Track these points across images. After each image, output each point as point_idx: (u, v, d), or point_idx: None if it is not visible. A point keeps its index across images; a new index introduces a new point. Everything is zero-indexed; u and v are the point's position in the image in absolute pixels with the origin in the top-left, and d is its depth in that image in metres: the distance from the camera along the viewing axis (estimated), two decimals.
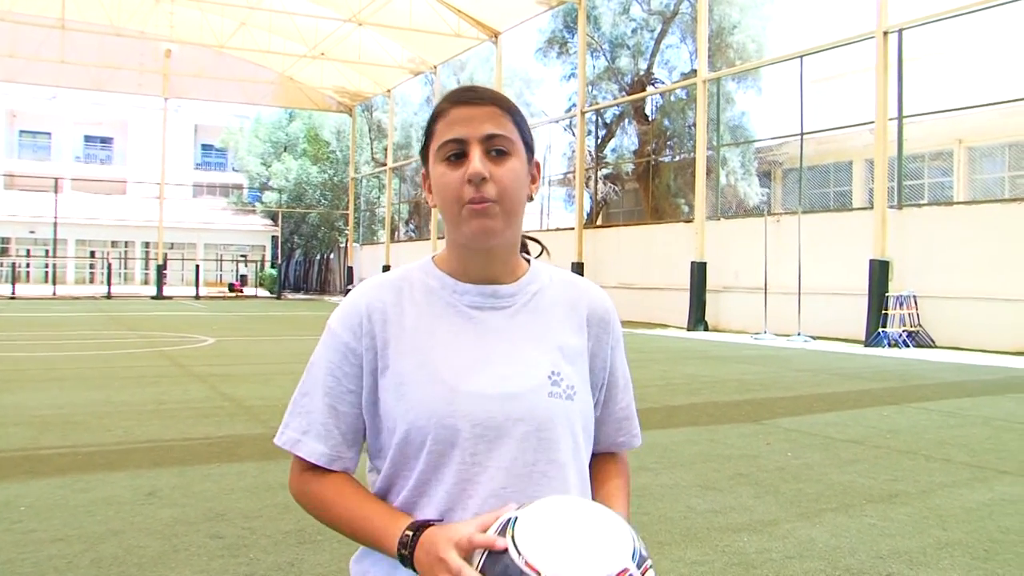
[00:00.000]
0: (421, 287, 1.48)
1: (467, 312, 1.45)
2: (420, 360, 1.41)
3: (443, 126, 1.41)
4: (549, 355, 1.44)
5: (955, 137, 25.80)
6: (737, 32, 31.55)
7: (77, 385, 10.31)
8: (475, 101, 1.40)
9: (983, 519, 4.82)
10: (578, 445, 1.46)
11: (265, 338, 18.94)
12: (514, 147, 1.41)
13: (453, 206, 1.39)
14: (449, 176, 1.39)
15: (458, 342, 1.43)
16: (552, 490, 1.40)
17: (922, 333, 17.13)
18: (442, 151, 1.40)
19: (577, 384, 1.46)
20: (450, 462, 1.39)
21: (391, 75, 39.90)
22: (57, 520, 4.64)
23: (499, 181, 1.38)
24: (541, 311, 1.48)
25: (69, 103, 60.79)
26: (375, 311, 1.46)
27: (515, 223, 1.44)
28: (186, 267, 51.49)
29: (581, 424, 1.46)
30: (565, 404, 1.42)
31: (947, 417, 8.57)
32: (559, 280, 1.55)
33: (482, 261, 1.45)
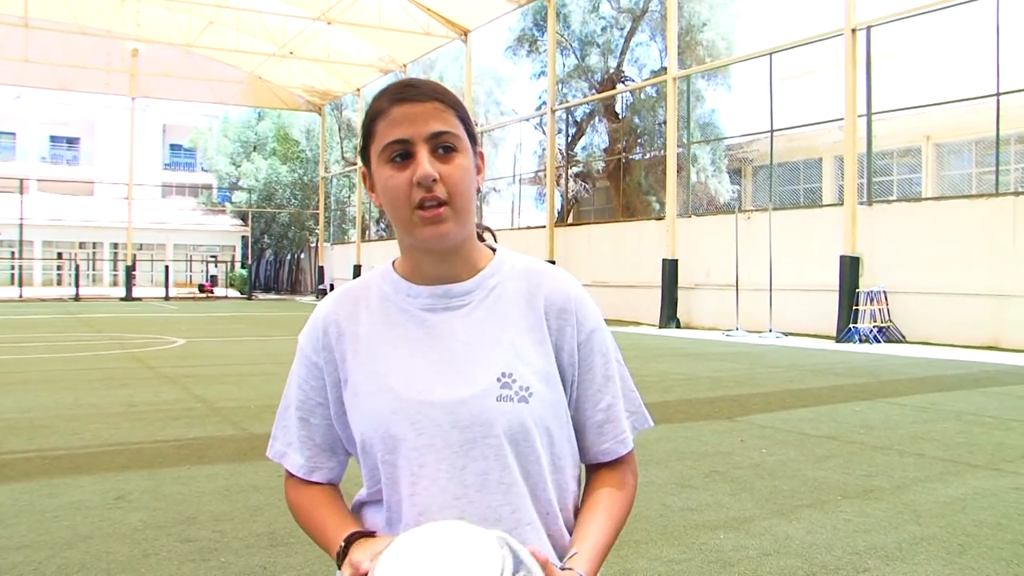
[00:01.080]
0: (377, 294, 1.44)
1: (420, 316, 1.40)
2: (372, 369, 1.39)
3: (385, 126, 1.34)
4: (502, 355, 1.36)
5: (923, 134, 26.06)
6: (707, 29, 31.68)
7: (44, 388, 10.14)
8: (417, 98, 1.34)
9: (957, 513, 4.84)
10: (535, 450, 1.36)
11: (236, 339, 18.77)
12: (460, 142, 1.35)
13: (403, 210, 1.34)
14: (396, 179, 1.33)
15: (408, 348, 1.38)
16: (512, 496, 1.34)
17: (892, 328, 17.26)
18: (386, 152, 1.34)
19: (535, 384, 1.35)
20: (401, 473, 1.35)
21: (361, 74, 39.69)
22: (22, 526, 4.55)
23: (448, 180, 1.32)
24: (498, 307, 1.40)
25: (34, 103, 59.97)
26: (331, 325, 1.44)
27: (468, 220, 1.38)
28: (155, 268, 51.01)
29: (546, 427, 1.37)
30: (518, 407, 1.33)
31: (919, 412, 8.62)
32: (521, 269, 1.45)
33: (435, 260, 1.39)
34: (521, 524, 1.34)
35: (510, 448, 1.34)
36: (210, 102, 45.10)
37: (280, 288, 55.27)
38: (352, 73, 39.57)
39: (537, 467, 1.37)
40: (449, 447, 1.33)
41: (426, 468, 1.33)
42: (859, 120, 18.39)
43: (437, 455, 1.33)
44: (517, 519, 1.34)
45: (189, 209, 58.37)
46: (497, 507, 1.34)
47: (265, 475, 5.75)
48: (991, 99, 16.68)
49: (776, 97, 21.26)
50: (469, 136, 1.38)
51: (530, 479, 1.36)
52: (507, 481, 1.34)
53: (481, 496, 1.33)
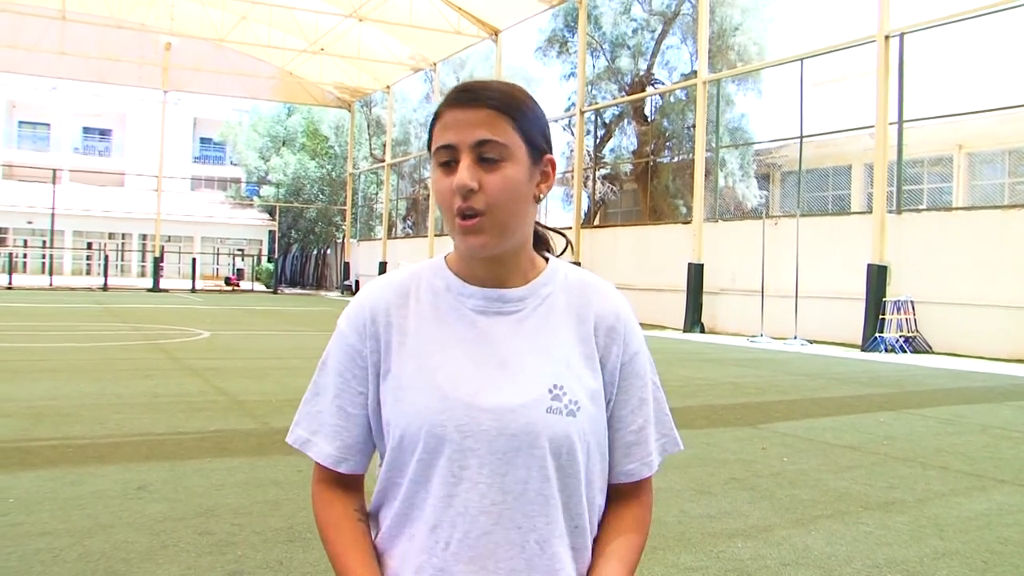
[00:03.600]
0: (428, 288, 1.42)
1: (471, 317, 1.38)
2: (419, 364, 1.37)
3: (439, 129, 1.34)
4: (553, 367, 1.35)
5: (955, 142, 25.78)
6: (738, 34, 31.50)
7: (71, 377, 10.24)
8: (470, 104, 1.32)
9: (981, 529, 4.77)
10: (575, 463, 1.35)
11: (261, 332, 18.88)
12: (508, 152, 1.32)
13: (447, 214, 1.34)
14: (442, 183, 1.33)
15: (459, 348, 1.37)
16: (549, 509, 1.34)
17: (919, 339, 17.10)
18: (436, 156, 1.34)
19: (583, 400, 1.35)
20: (436, 472, 1.34)
21: (391, 71, 39.82)
22: (45, 513, 4.59)
23: (488, 191, 1.30)
24: (551, 318, 1.39)
25: (69, 94, 60.66)
26: (379, 313, 1.41)
27: (510, 233, 1.35)
28: (183, 260, 51.39)
29: (587, 443, 1.37)
30: (566, 420, 1.33)
31: (944, 424, 8.53)
32: (575, 282, 1.44)
33: (486, 264, 1.38)
34: (553, 536, 1.34)
35: (552, 460, 1.33)
36: (241, 97, 45.40)
37: (306, 283, 55.52)
38: (382, 71, 39.71)
39: (575, 481, 1.36)
40: (493, 453, 1.32)
41: (468, 471, 1.32)
42: (890, 128, 18.23)
43: (480, 459, 1.32)
44: (550, 531, 1.34)
45: (217, 202, 58.75)
46: (533, 516, 1.33)
47: (285, 470, 5.77)
48: None
49: (807, 103, 21.12)
50: (532, 144, 1.36)
51: (566, 492, 1.35)
52: (546, 492, 1.33)
53: (519, 504, 1.32)
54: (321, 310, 29.69)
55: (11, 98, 61.85)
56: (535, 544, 1.33)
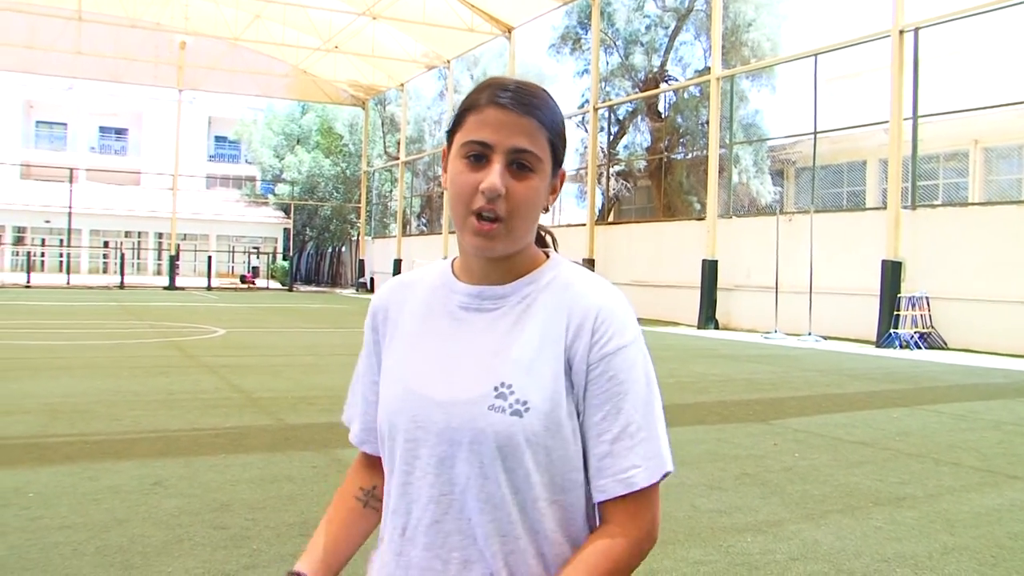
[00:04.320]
0: (427, 285, 1.46)
1: (455, 312, 1.40)
2: (397, 358, 1.43)
3: (474, 122, 1.32)
4: (508, 365, 1.32)
5: (971, 137, 25.64)
6: (752, 30, 31.41)
7: (88, 374, 10.34)
8: (515, 108, 1.31)
9: (992, 524, 4.78)
10: (523, 466, 1.30)
11: (275, 330, 18.98)
12: (539, 164, 1.33)
13: (461, 208, 1.32)
14: (465, 176, 1.32)
15: (433, 343, 1.39)
16: (489, 505, 1.31)
17: (934, 335, 17.04)
18: (466, 147, 1.32)
19: (535, 400, 1.30)
20: (397, 461, 1.38)
21: (405, 69, 39.90)
22: (64, 508, 4.66)
23: (513, 198, 1.31)
24: (524, 317, 1.36)
25: (85, 94, 61.03)
26: (381, 310, 1.50)
27: (521, 239, 1.36)
28: (198, 258, 51.61)
29: (540, 445, 1.30)
30: (509, 420, 1.29)
31: (958, 420, 8.52)
32: (562, 281, 1.39)
33: (483, 261, 1.39)
34: (508, 534, 1.31)
35: (498, 459, 1.30)
36: (255, 95, 45.57)
37: (321, 280, 55.70)
38: (396, 68, 39.79)
39: (526, 484, 1.31)
40: (440, 444, 1.33)
41: (419, 460, 1.35)
42: (905, 123, 18.16)
43: (430, 450, 1.34)
44: (503, 528, 1.31)
45: (232, 200, 58.99)
46: (482, 512, 1.32)
47: (299, 465, 5.83)
48: None
49: (820, 98, 21.06)
50: (555, 159, 1.37)
51: (519, 495, 1.31)
52: (488, 490, 1.31)
53: (467, 497, 1.32)
54: (336, 308, 29.79)
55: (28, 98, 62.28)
56: (484, 538, 1.31)
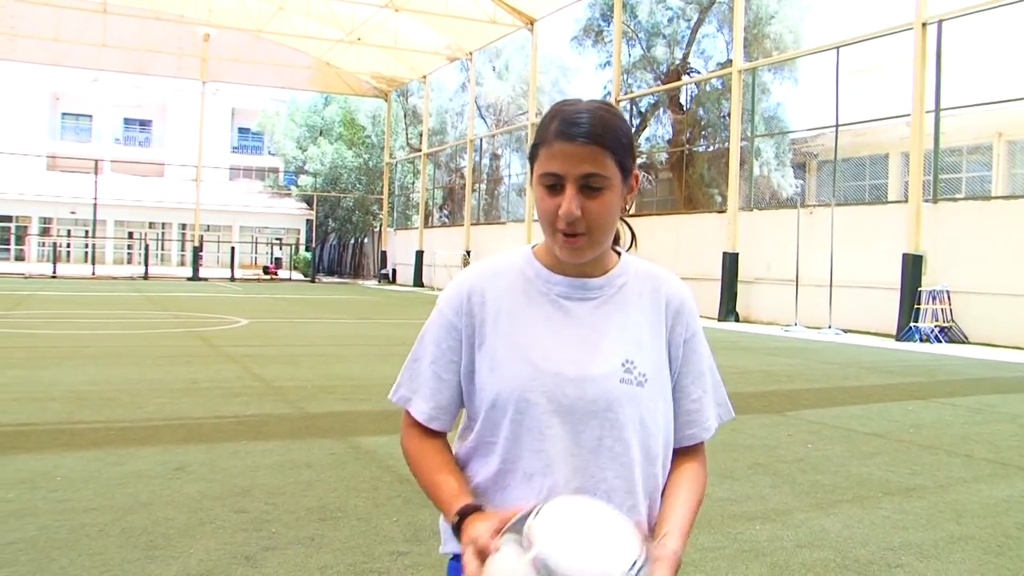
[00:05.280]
0: (519, 275, 1.63)
1: (557, 301, 1.60)
2: (512, 340, 1.58)
3: (545, 155, 1.52)
4: (626, 344, 1.57)
5: (995, 130, 25.46)
6: (774, 22, 31.30)
7: (112, 363, 10.53)
8: (579, 138, 1.49)
9: (1000, 515, 4.83)
10: (646, 428, 1.57)
11: (297, 321, 19.16)
12: (609, 183, 1.51)
13: (548, 227, 1.54)
14: (546, 203, 1.52)
15: (546, 327, 1.58)
16: (617, 464, 1.55)
17: (955, 328, 16.98)
18: (542, 179, 1.52)
19: (650, 372, 1.57)
20: (527, 432, 1.55)
21: (427, 61, 40.01)
22: (90, 491, 4.80)
23: (590, 216, 1.50)
24: (624, 303, 1.61)
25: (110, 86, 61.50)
26: (475, 293, 1.63)
27: (604, 244, 1.58)
28: (221, 249, 52.01)
29: (653, 408, 1.57)
30: (635, 390, 1.55)
31: (973, 413, 8.54)
32: (644, 273, 1.67)
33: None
34: (623, 488, 1.56)
35: (625, 423, 1.54)
36: (278, 87, 45.86)
37: (343, 272, 55.96)
38: (419, 60, 39.90)
39: (641, 441, 1.57)
40: (574, 414, 1.54)
41: (553, 429, 1.54)
42: (927, 116, 18.07)
43: (563, 420, 1.54)
44: (619, 483, 1.55)
45: (255, 192, 59.34)
46: (605, 468, 1.54)
47: (318, 452, 5.95)
48: None
49: (843, 91, 20.98)
50: (623, 168, 1.54)
51: (633, 450, 1.56)
52: (617, 450, 1.55)
53: (594, 457, 1.54)
54: (358, 299, 29.99)
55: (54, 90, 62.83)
56: (604, 493, 1.53)
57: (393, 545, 4.05)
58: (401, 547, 4.02)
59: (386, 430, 6.88)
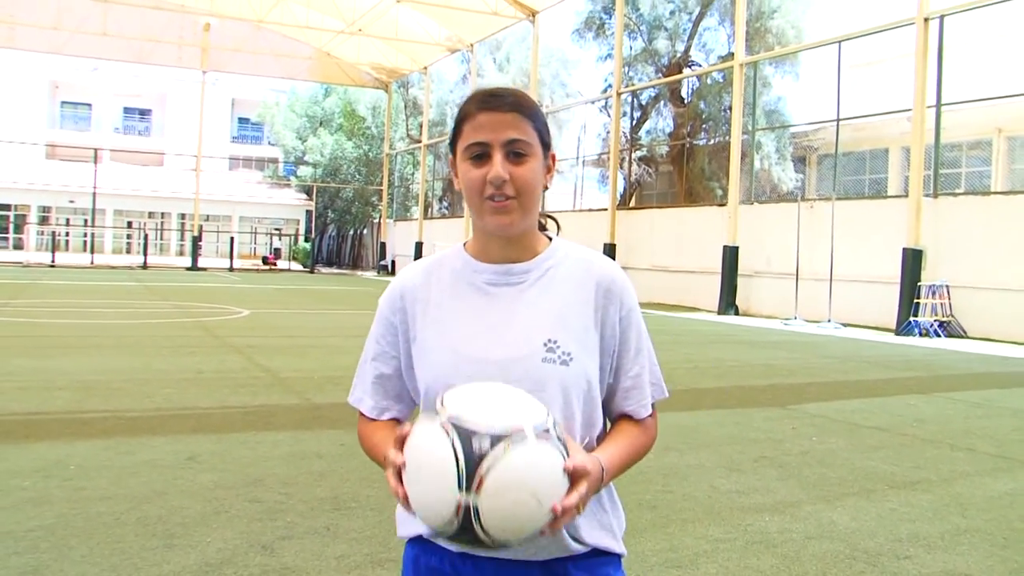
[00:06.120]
0: (448, 268, 1.69)
1: (484, 288, 1.64)
2: (439, 330, 1.63)
3: (469, 128, 1.57)
4: (550, 324, 1.59)
5: (995, 126, 25.49)
6: (776, 16, 31.30)
7: (117, 352, 10.57)
8: (499, 108, 1.56)
9: (1004, 508, 4.89)
10: (571, 405, 1.57)
11: (299, 311, 19.19)
12: (531, 149, 1.57)
13: (476, 199, 1.57)
14: (473, 173, 1.56)
15: (471, 314, 1.62)
16: None
17: (954, 323, 17.05)
18: (468, 151, 1.57)
19: (576, 351, 1.58)
20: None
21: (428, 52, 39.97)
22: (104, 480, 4.85)
23: (518, 180, 1.55)
24: (551, 286, 1.63)
25: (110, 75, 61.37)
26: (407, 291, 1.70)
27: (532, 214, 1.61)
28: (221, 239, 51.98)
29: (577, 387, 1.58)
30: (559, 369, 1.56)
31: (974, 407, 8.60)
32: (574, 257, 1.68)
33: (501, 244, 1.63)
34: None
35: (549, 402, 1.52)
36: (279, 77, 45.80)
37: (342, 263, 55.96)
38: (419, 51, 39.86)
39: (571, 422, 1.58)
40: None
41: None
42: (928, 111, 18.11)
43: None
44: None
45: (255, 182, 59.27)
46: None
47: (328, 443, 5.99)
48: None
49: (844, 85, 21.00)
50: (543, 143, 1.61)
51: (568, 430, 1.55)
52: None
53: None
54: (358, 289, 30.02)
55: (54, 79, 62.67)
56: None
57: None
58: None
59: None
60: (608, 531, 1.63)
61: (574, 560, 1.58)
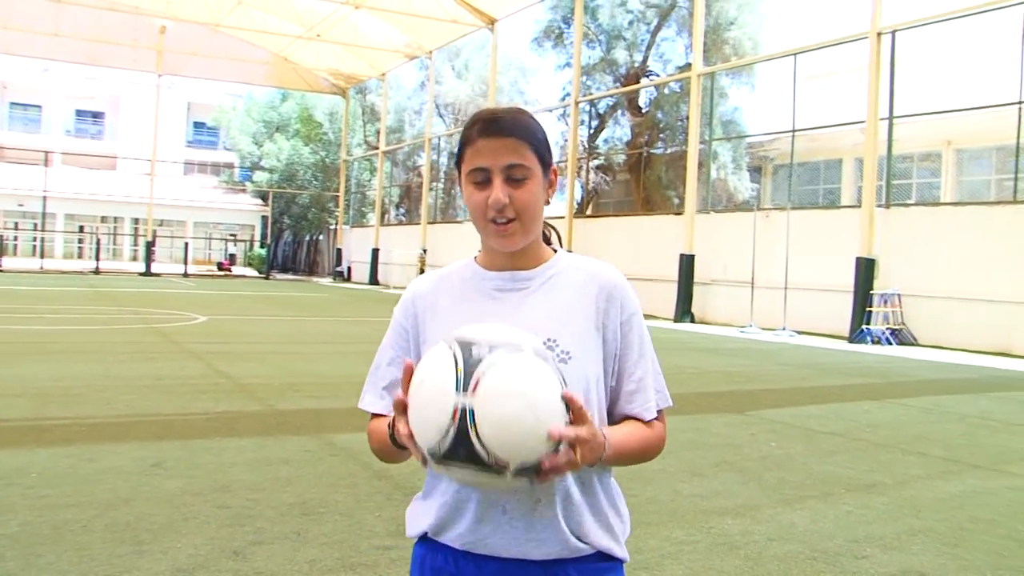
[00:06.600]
0: (458, 277, 1.79)
1: (491, 293, 1.73)
2: (445, 329, 1.67)
3: (471, 153, 1.65)
4: (549, 325, 1.66)
5: (944, 139, 26.07)
6: (733, 28, 31.72)
7: (73, 359, 10.45)
8: (499, 134, 1.63)
9: (954, 509, 5.05)
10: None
11: (257, 318, 19.06)
12: (531, 172, 1.65)
13: (480, 220, 1.67)
14: (476, 196, 1.65)
15: (477, 315, 1.69)
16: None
17: (905, 331, 17.41)
18: (471, 176, 1.66)
19: (575, 351, 1.65)
20: None
21: (386, 59, 39.93)
22: (68, 487, 4.82)
23: (517, 203, 1.63)
24: (553, 291, 1.72)
25: (61, 76, 60.42)
26: (418, 297, 1.80)
27: (533, 231, 1.70)
28: (175, 244, 51.43)
29: (575, 385, 1.60)
30: (558, 367, 1.56)
31: (925, 413, 8.82)
32: (576, 266, 1.78)
33: (506, 256, 1.73)
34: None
35: None
36: (235, 81, 45.48)
37: (298, 269, 55.62)
38: (378, 58, 39.81)
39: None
40: None
41: None
42: (881, 123, 18.49)
43: None
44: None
45: (210, 187, 58.67)
46: None
47: (293, 449, 6.01)
48: (1013, 107, 16.76)
49: (799, 97, 21.37)
50: (543, 162, 1.69)
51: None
52: None
53: None
54: (315, 296, 29.87)
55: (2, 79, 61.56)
56: None
57: (378, 539, 4.14)
58: (386, 541, 4.11)
59: (359, 428, 6.92)
60: (612, 534, 1.69)
61: (575, 563, 1.63)
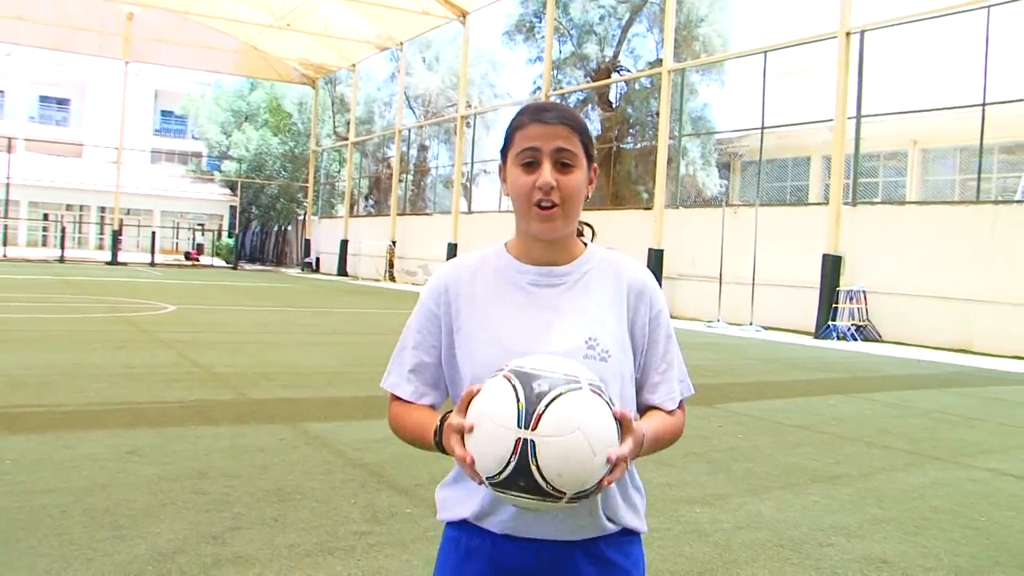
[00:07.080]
0: (492, 267, 1.80)
1: (526, 288, 1.75)
2: (484, 325, 1.74)
3: (521, 137, 1.70)
4: (590, 323, 1.71)
5: (910, 138, 26.45)
6: (704, 25, 31.92)
7: (43, 347, 10.39)
8: (550, 120, 1.69)
9: (916, 500, 5.20)
10: (615, 397, 1.67)
11: (225, 307, 18.98)
12: (578, 160, 1.70)
13: (524, 204, 1.70)
14: (523, 179, 1.69)
15: (516, 312, 1.73)
16: None
17: (870, 327, 17.68)
18: (519, 157, 1.70)
19: (612, 349, 1.70)
20: None
21: (357, 49, 39.78)
22: (44, 473, 4.84)
23: (564, 189, 1.68)
24: (588, 288, 1.75)
25: (25, 62, 59.55)
26: (451, 285, 1.80)
27: (573, 221, 1.74)
28: (142, 233, 50.96)
29: (614, 382, 1.69)
30: (599, 365, 1.67)
31: (889, 408, 9.01)
32: (607, 260, 1.81)
33: (543, 247, 1.75)
34: None
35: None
36: (204, 70, 45.07)
37: (266, 259, 55.28)
38: (348, 48, 39.64)
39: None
40: None
41: None
42: (849, 122, 18.74)
43: None
44: None
45: (178, 176, 58.14)
46: None
47: (268, 437, 6.05)
48: (977, 108, 17.05)
49: (768, 94, 21.59)
50: (588, 156, 1.74)
51: None
52: None
53: None
54: (283, 287, 29.75)
55: None
56: None
57: (355, 525, 4.20)
58: (363, 527, 4.18)
59: (332, 417, 7.02)
60: (636, 512, 1.81)
61: (606, 539, 1.73)
